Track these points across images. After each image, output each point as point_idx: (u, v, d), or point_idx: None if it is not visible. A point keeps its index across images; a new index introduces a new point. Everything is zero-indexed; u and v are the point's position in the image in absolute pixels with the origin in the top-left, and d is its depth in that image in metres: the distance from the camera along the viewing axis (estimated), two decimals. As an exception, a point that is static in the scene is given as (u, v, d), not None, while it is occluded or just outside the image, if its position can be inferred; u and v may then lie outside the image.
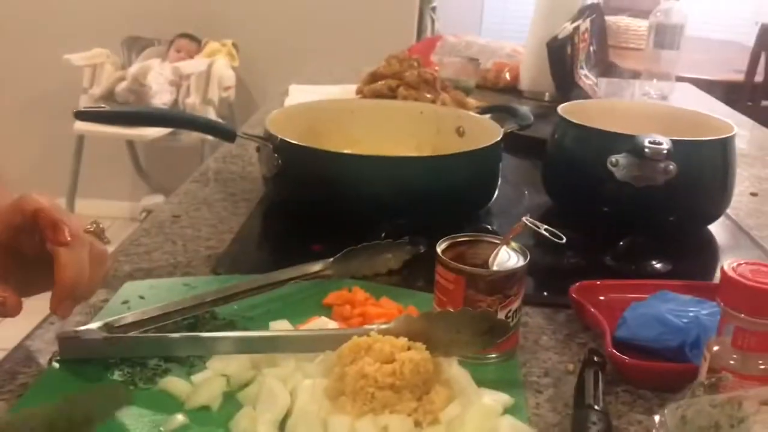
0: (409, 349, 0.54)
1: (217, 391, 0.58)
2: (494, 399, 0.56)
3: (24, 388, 0.59)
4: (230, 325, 0.68)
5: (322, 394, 0.54)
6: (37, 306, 0.69)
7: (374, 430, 0.50)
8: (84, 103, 2.87)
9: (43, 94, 3.17)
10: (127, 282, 0.76)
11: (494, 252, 0.65)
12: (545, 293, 0.77)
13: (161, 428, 0.54)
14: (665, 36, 1.80)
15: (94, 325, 0.63)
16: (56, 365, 0.61)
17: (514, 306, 0.64)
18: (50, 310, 0.57)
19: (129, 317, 0.65)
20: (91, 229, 0.62)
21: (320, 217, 0.89)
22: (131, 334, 0.63)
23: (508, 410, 0.56)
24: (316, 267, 0.76)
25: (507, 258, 0.65)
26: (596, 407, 0.56)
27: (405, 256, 0.81)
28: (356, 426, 0.51)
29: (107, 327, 0.63)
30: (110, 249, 0.65)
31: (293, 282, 0.74)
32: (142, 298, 0.72)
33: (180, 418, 0.55)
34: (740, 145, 0.97)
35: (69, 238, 0.56)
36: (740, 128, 0.99)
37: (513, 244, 0.66)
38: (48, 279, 0.57)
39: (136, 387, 0.59)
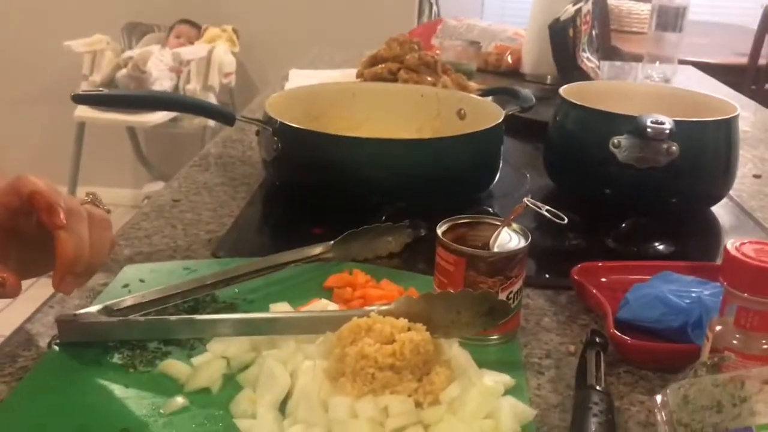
0: (409, 330, 0.54)
1: (217, 374, 0.58)
2: (495, 380, 0.56)
3: (24, 370, 0.59)
4: (230, 308, 0.68)
5: (322, 376, 0.53)
6: (37, 293, 0.69)
7: (374, 410, 0.50)
8: (84, 89, 2.86)
9: (44, 81, 3.16)
10: (127, 265, 0.75)
11: (495, 233, 0.65)
12: (547, 275, 0.76)
13: (161, 410, 0.54)
14: (668, 18, 1.79)
15: (93, 309, 0.63)
16: (56, 348, 0.61)
17: (515, 287, 0.63)
18: (53, 287, 0.57)
19: (129, 300, 0.65)
20: (88, 200, 0.62)
21: (320, 201, 0.88)
22: (131, 317, 0.63)
23: (509, 391, 0.56)
24: (316, 250, 0.76)
25: (508, 239, 0.65)
26: (598, 388, 0.56)
27: (405, 238, 0.81)
28: (356, 407, 0.50)
29: (107, 310, 0.63)
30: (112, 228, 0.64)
31: (293, 265, 0.74)
32: (142, 281, 0.72)
33: (180, 400, 0.55)
34: (744, 127, 0.96)
35: (64, 222, 0.55)
36: (744, 110, 0.98)
37: (514, 225, 0.66)
38: (48, 259, 0.57)
39: (135, 369, 0.59)
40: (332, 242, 0.77)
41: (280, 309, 0.66)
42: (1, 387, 0.57)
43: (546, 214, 0.66)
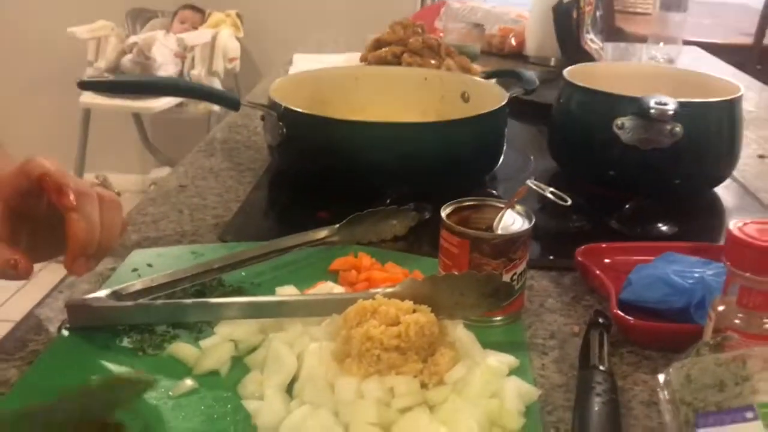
0: (414, 311, 0.55)
1: (225, 356, 0.58)
2: (500, 360, 0.56)
3: (34, 354, 0.59)
4: (237, 292, 0.69)
5: (328, 357, 0.54)
6: (45, 278, 0.70)
7: (380, 391, 0.51)
8: (89, 75, 2.86)
9: (49, 68, 3.16)
10: (135, 250, 0.76)
11: (499, 216, 0.65)
12: (551, 257, 0.77)
13: (170, 393, 0.55)
14: (673, -2, 1.78)
15: (102, 293, 0.63)
16: (66, 333, 0.62)
17: (519, 269, 0.64)
18: (65, 269, 0.58)
19: (137, 284, 0.65)
20: (98, 182, 0.63)
21: (325, 185, 0.89)
22: (140, 301, 0.64)
23: (513, 371, 0.57)
24: (321, 233, 0.77)
25: (512, 221, 0.65)
26: (601, 367, 0.56)
27: (410, 222, 0.81)
28: (362, 387, 0.51)
29: (116, 295, 0.63)
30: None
31: (299, 248, 0.75)
32: (150, 266, 0.73)
33: (189, 382, 0.56)
34: (748, 107, 0.96)
35: (74, 202, 0.56)
36: (748, 90, 0.98)
37: (518, 207, 0.66)
38: (59, 242, 0.57)
39: (144, 353, 0.60)
40: (337, 226, 0.77)
41: (287, 292, 0.66)
42: (12, 371, 0.58)
43: (550, 195, 0.67)
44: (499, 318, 0.64)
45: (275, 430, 0.51)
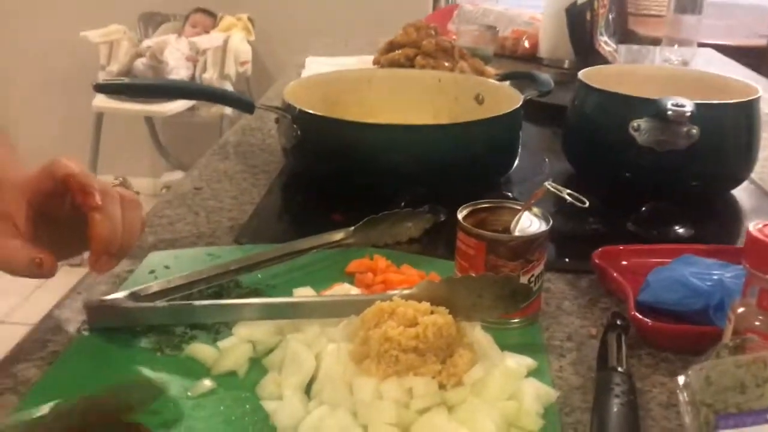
0: (431, 313, 0.55)
1: (243, 357, 0.59)
2: (517, 362, 0.56)
3: (54, 355, 0.60)
4: (254, 293, 0.69)
5: (347, 358, 0.54)
6: (62, 281, 0.70)
7: (399, 391, 0.51)
8: (103, 79, 2.88)
9: (61, 72, 3.18)
10: (152, 252, 0.76)
11: (516, 218, 0.65)
12: (567, 259, 0.77)
13: (189, 393, 0.55)
14: (686, 0, 1.77)
15: (120, 294, 0.64)
16: (85, 333, 0.62)
17: (536, 271, 0.64)
18: (89, 267, 0.58)
19: (155, 286, 0.66)
20: (118, 183, 0.63)
21: (340, 187, 0.89)
22: (158, 302, 0.64)
23: (531, 373, 0.57)
24: (337, 236, 0.77)
25: (529, 224, 0.65)
26: (620, 369, 0.56)
27: (425, 224, 0.81)
28: (381, 388, 0.51)
29: (134, 296, 0.64)
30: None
31: (315, 251, 0.75)
32: (167, 267, 0.73)
33: (207, 383, 0.56)
34: (766, 109, 0.95)
35: (100, 202, 0.57)
36: (766, 92, 0.97)
37: (535, 209, 0.66)
38: (80, 241, 0.58)
39: (163, 353, 0.60)
40: (352, 228, 0.77)
41: (304, 293, 0.67)
42: (33, 371, 0.58)
43: (567, 197, 0.67)
44: (516, 320, 0.64)
45: (294, 431, 0.51)
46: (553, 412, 0.53)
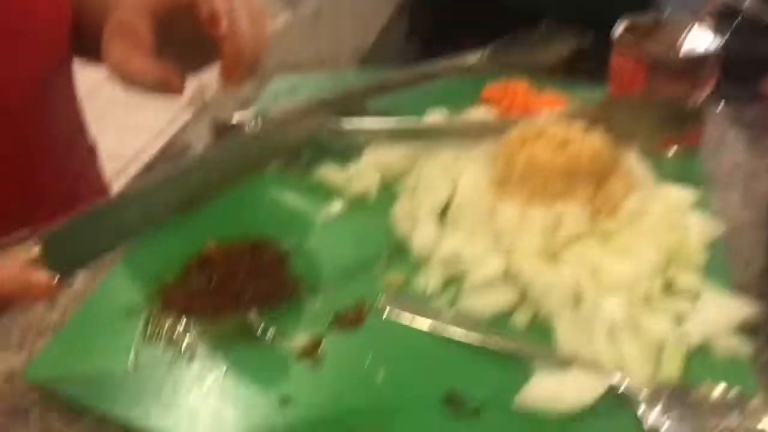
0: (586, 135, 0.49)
1: (373, 180, 0.56)
2: (678, 193, 0.50)
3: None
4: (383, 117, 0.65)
5: (487, 182, 0.50)
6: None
7: (547, 218, 0.46)
8: None
9: None
10: (276, 77, 0.73)
11: (682, 34, 0.57)
12: (736, 85, 0.67)
13: (319, 215, 0.53)
14: None
15: (247, 113, 0.61)
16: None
17: (703, 95, 0.56)
18: (223, 80, 0.56)
19: (281, 110, 0.63)
20: None
21: (472, 6, 0.81)
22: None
23: (693, 205, 0.51)
24: (469, 60, 0.70)
25: (697, 41, 0.56)
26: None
27: (568, 47, 0.73)
28: (528, 214, 0.47)
29: (260, 118, 0.61)
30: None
31: (445, 77, 0.69)
32: (292, 92, 0.70)
33: (338, 205, 0.54)
34: None
35: (225, 30, 0.53)
36: None
37: (704, 25, 0.57)
38: (203, 56, 0.55)
39: (293, 177, 0.58)
40: (485, 52, 0.70)
41: (437, 116, 0.62)
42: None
43: (747, 11, 0.57)
44: (675, 149, 0.57)
45: (429, 257, 0.48)
46: (718, 247, 0.48)
